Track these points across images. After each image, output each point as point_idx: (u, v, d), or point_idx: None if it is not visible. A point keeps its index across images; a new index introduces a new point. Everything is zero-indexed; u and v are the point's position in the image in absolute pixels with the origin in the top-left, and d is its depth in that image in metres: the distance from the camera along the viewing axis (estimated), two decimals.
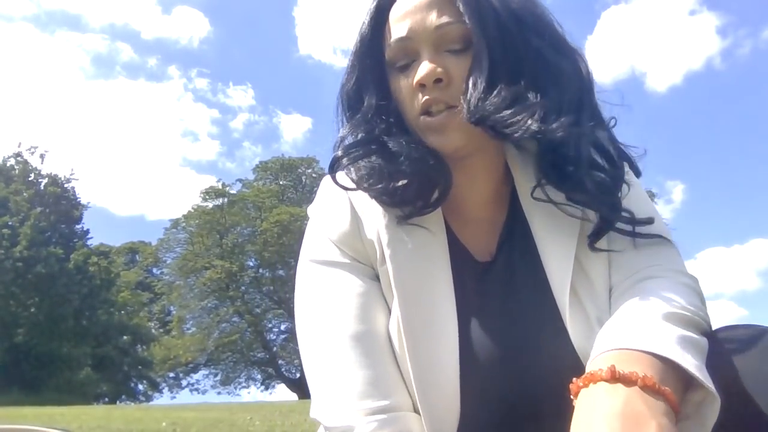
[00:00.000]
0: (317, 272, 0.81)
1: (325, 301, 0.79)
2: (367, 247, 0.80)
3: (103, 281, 25.22)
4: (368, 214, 0.81)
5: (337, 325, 0.76)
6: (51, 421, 6.94)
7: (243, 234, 26.25)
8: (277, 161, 27.88)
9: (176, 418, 7.57)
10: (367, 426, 0.69)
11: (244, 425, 6.85)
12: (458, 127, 0.76)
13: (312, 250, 0.83)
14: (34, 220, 23.20)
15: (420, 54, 0.78)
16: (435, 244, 0.79)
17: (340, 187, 0.82)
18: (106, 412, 10.20)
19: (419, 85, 0.77)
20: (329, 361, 0.75)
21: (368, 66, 0.83)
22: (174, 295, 26.61)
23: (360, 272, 0.80)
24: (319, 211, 0.86)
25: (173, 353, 25.84)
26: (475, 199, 0.84)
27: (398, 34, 0.79)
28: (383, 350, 0.76)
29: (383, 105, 0.82)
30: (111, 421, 7.10)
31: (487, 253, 0.83)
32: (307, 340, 0.79)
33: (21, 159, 25.79)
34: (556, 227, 0.79)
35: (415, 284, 0.77)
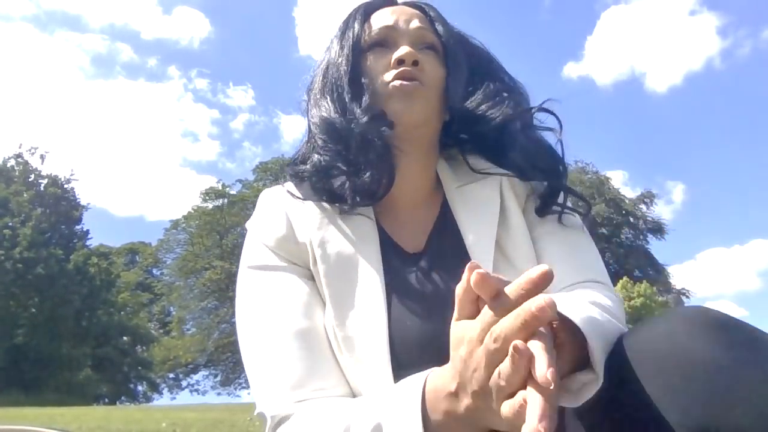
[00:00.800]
0: (254, 276, 0.86)
1: (262, 301, 0.83)
2: (301, 249, 0.85)
3: (103, 282, 25.25)
4: (301, 219, 0.87)
5: (274, 322, 0.80)
6: (51, 422, 6.95)
7: (243, 234, 26.08)
8: (277, 162, 27.86)
9: (176, 418, 7.58)
10: (303, 411, 0.72)
11: (244, 426, 6.85)
12: (424, 101, 0.87)
13: (249, 257, 0.89)
14: (34, 221, 23.22)
15: (398, 43, 0.90)
16: (365, 237, 0.85)
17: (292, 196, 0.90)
18: (106, 412, 10.21)
19: (397, 61, 0.87)
20: (266, 356, 0.79)
21: (347, 51, 0.91)
22: (174, 295, 26.63)
23: (296, 273, 0.84)
24: (256, 222, 0.92)
25: (173, 354, 25.85)
26: (408, 195, 0.91)
27: (384, 23, 0.91)
28: (321, 343, 0.79)
29: (353, 90, 0.88)
30: (111, 422, 7.10)
31: (418, 246, 0.89)
32: (245, 340, 0.83)
33: (21, 160, 25.83)
34: (479, 219, 0.88)
35: (345, 278, 0.81)
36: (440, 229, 0.90)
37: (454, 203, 0.91)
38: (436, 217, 0.91)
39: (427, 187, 0.93)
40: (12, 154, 25.94)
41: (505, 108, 0.89)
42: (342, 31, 0.94)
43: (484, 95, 0.90)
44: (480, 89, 0.91)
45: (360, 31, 0.92)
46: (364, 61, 0.90)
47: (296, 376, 0.75)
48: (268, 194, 0.94)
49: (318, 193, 0.86)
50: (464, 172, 0.93)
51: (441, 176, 0.94)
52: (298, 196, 0.89)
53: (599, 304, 0.71)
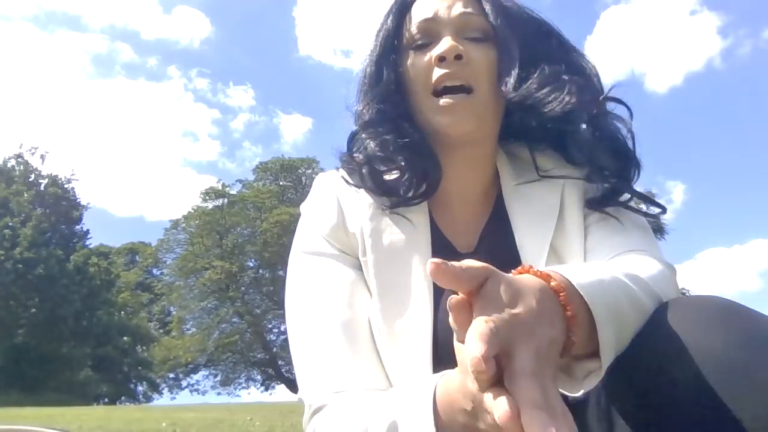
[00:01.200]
0: (305, 261, 0.85)
1: (311, 289, 0.82)
2: (351, 239, 0.84)
3: (103, 282, 25.24)
4: (354, 208, 0.85)
5: (321, 310, 0.80)
6: (51, 422, 6.94)
7: (243, 234, 26.22)
8: (277, 162, 27.85)
9: (176, 418, 7.57)
10: (337, 404, 0.72)
11: (244, 426, 6.85)
12: (472, 110, 0.81)
13: (302, 242, 0.88)
14: (34, 221, 23.21)
15: (440, 36, 0.83)
16: (416, 234, 0.83)
17: (346, 182, 0.87)
18: (106, 412, 10.21)
19: (439, 59, 0.81)
20: (312, 343, 0.78)
21: (387, 50, 0.87)
22: (174, 295, 26.58)
23: (346, 262, 0.84)
24: (309, 208, 0.91)
25: (173, 354, 25.81)
26: (462, 193, 0.88)
27: (423, 15, 0.85)
28: (365, 334, 0.79)
29: (396, 87, 0.85)
30: (111, 422, 7.09)
31: (469, 244, 0.86)
32: (294, 325, 0.82)
33: (22, 160, 25.81)
34: (535, 219, 0.83)
35: (394, 273, 0.80)
36: (493, 228, 0.87)
37: (510, 202, 0.87)
38: (489, 215, 0.88)
39: (484, 183, 0.89)
40: (12, 155, 25.94)
41: (564, 95, 0.78)
42: (379, 27, 0.90)
43: (539, 81, 0.80)
44: (534, 74, 0.81)
45: (397, 26, 0.88)
46: (404, 59, 0.86)
47: (336, 367, 0.75)
48: (323, 179, 0.93)
49: (371, 184, 0.84)
50: (526, 169, 0.88)
51: (500, 172, 0.90)
52: (353, 183, 0.86)
53: (632, 275, 0.63)
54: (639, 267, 0.68)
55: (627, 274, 0.63)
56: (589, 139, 0.81)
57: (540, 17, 0.87)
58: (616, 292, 0.59)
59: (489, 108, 0.83)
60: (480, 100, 0.82)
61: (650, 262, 0.72)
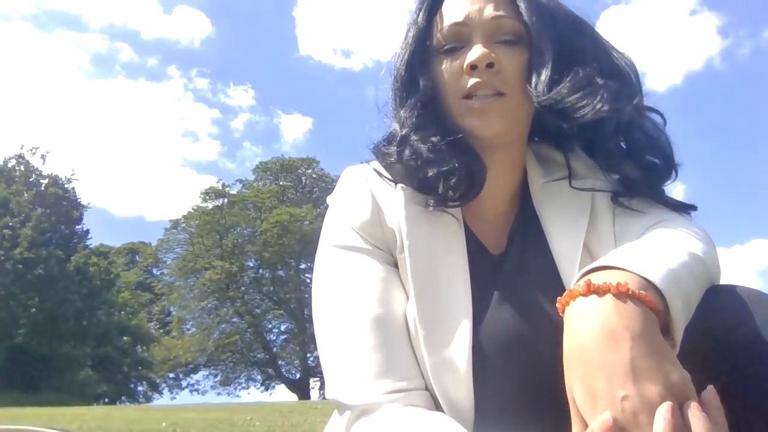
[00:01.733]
0: (338, 256, 0.83)
1: (344, 284, 0.80)
2: (387, 234, 0.82)
3: (103, 282, 25.23)
4: (389, 204, 0.83)
5: (356, 307, 0.78)
6: (51, 421, 6.94)
7: (243, 234, 26.25)
8: (277, 162, 27.88)
9: (176, 418, 7.57)
10: (388, 403, 0.72)
11: (244, 426, 6.85)
12: (503, 113, 0.80)
13: (333, 235, 0.85)
14: (35, 221, 23.21)
15: (472, 40, 0.81)
16: (452, 235, 0.82)
17: (380, 176, 0.85)
18: (106, 412, 10.20)
19: (470, 67, 0.80)
20: (347, 342, 0.77)
21: (419, 50, 0.85)
22: (174, 295, 26.61)
23: (380, 258, 0.82)
24: (339, 200, 0.88)
25: (173, 354, 25.83)
26: (495, 194, 0.86)
27: (454, 19, 0.83)
28: (401, 333, 0.77)
29: (432, 92, 0.84)
30: (111, 422, 7.09)
31: (499, 245, 0.85)
32: (324, 322, 0.80)
33: (22, 160, 25.81)
34: (566, 218, 0.82)
35: (431, 274, 0.79)
36: (521, 227, 0.86)
37: (539, 201, 0.85)
38: (516, 214, 0.87)
39: (514, 184, 0.88)
40: (13, 155, 25.94)
41: (596, 102, 0.76)
42: (409, 24, 0.88)
43: (571, 84, 0.77)
44: (567, 77, 0.78)
45: (427, 24, 0.85)
46: (436, 64, 0.84)
47: (377, 367, 0.74)
48: (353, 172, 0.89)
49: (411, 180, 0.81)
50: (554, 169, 0.88)
51: (528, 170, 0.89)
52: (390, 178, 0.84)
53: (688, 251, 0.67)
54: (687, 234, 0.72)
55: (685, 250, 0.66)
56: (617, 150, 0.80)
57: (576, 14, 0.85)
58: (683, 274, 0.62)
59: (520, 111, 0.82)
60: (511, 103, 0.81)
61: (691, 227, 0.75)
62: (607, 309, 0.54)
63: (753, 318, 0.62)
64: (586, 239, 0.80)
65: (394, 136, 0.86)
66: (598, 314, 0.54)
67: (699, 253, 0.68)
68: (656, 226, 0.76)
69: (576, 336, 0.55)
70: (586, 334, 0.54)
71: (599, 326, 0.53)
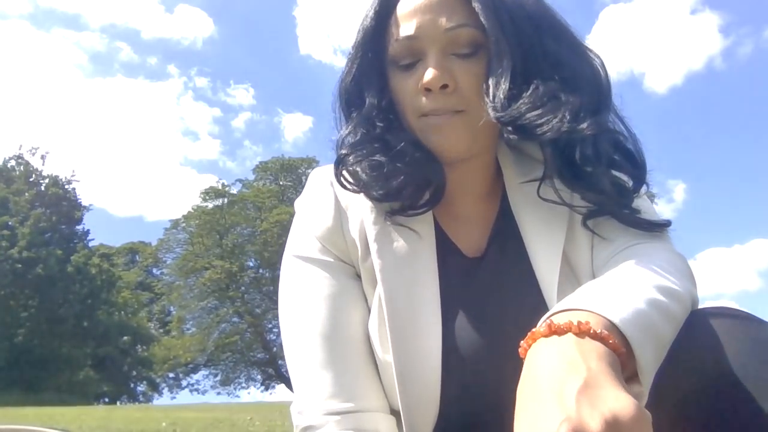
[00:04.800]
0: (298, 268, 0.82)
1: (302, 300, 0.80)
2: (348, 244, 0.80)
3: (103, 282, 25.23)
4: (353, 210, 0.81)
5: (308, 324, 0.78)
6: (51, 421, 6.94)
7: (243, 234, 26.22)
8: (277, 161, 27.84)
9: (176, 418, 7.57)
10: (329, 425, 0.71)
11: (244, 425, 6.85)
12: (463, 129, 0.76)
13: (296, 245, 0.84)
14: (34, 220, 23.20)
15: (426, 54, 0.76)
16: (422, 240, 0.79)
17: (342, 185, 0.81)
18: (106, 412, 10.20)
19: (425, 89, 0.76)
20: (300, 359, 0.77)
21: (369, 60, 0.80)
22: (174, 295, 26.57)
23: (339, 271, 0.80)
24: (304, 206, 0.86)
25: (173, 353, 25.81)
26: (466, 196, 0.84)
27: (405, 33, 0.77)
28: (354, 352, 0.77)
29: (383, 102, 0.80)
30: (111, 422, 7.09)
31: (477, 249, 0.82)
32: (285, 335, 0.81)
33: (22, 160, 25.80)
34: (544, 224, 0.79)
35: (400, 279, 0.77)
36: (501, 230, 0.82)
37: (515, 202, 0.82)
38: (496, 215, 0.84)
39: (486, 183, 0.85)
40: (12, 155, 25.93)
41: (556, 121, 0.70)
42: (357, 32, 0.82)
43: (531, 101, 0.72)
44: (527, 92, 0.72)
45: (378, 32, 0.80)
46: (393, 76, 0.80)
47: (324, 386, 0.74)
48: (319, 174, 0.86)
49: (372, 190, 0.78)
50: (532, 166, 0.82)
51: (502, 167, 0.85)
52: (354, 187, 0.80)
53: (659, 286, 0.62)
54: (657, 264, 0.67)
55: (655, 285, 0.62)
56: (580, 170, 0.74)
57: (542, 11, 0.78)
58: (652, 313, 0.58)
59: (483, 124, 0.76)
60: (472, 119, 0.75)
61: (663, 252, 0.71)
62: (566, 346, 0.51)
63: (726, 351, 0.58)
64: (565, 247, 0.77)
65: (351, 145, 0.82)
66: (556, 352, 0.51)
67: (671, 286, 0.63)
68: (624, 254, 0.72)
69: (531, 372, 0.51)
70: (542, 369, 0.51)
71: (555, 361, 0.50)
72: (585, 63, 0.77)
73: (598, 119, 0.73)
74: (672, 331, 0.60)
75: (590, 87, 0.75)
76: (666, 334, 0.59)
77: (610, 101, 0.77)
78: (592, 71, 0.77)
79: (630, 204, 0.76)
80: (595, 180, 0.74)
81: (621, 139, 0.77)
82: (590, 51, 0.79)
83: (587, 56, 0.78)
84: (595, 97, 0.75)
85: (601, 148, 0.74)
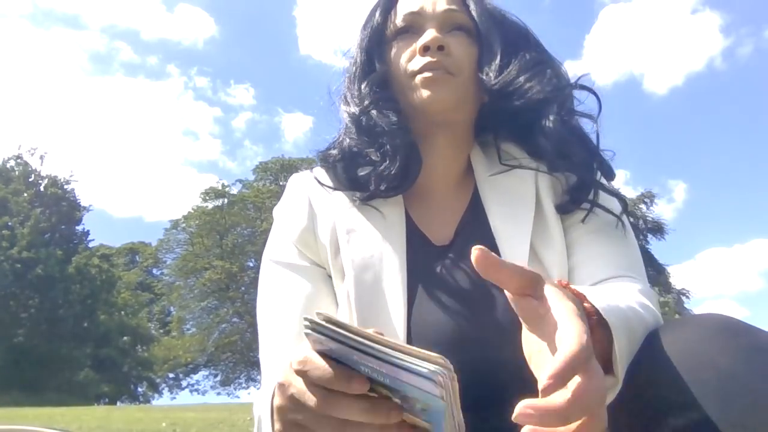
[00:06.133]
0: (273, 272, 0.86)
1: (275, 303, 0.84)
2: (319, 245, 0.85)
3: (103, 282, 25.24)
4: (326, 210, 0.86)
5: (281, 326, 0.81)
6: (51, 422, 6.94)
7: (243, 234, 26.22)
8: (277, 162, 27.85)
9: (176, 418, 7.58)
10: None
11: (244, 425, 6.85)
12: (452, 89, 0.84)
13: (272, 249, 0.89)
14: (33, 221, 23.21)
15: (425, 29, 0.87)
16: (392, 227, 0.84)
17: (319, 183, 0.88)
18: (106, 412, 10.21)
19: (423, 48, 0.84)
20: (267, 359, 0.80)
21: (375, 41, 0.90)
22: (174, 295, 26.58)
23: (314, 274, 0.85)
24: (281, 212, 0.91)
25: (173, 354, 25.83)
26: (437, 185, 0.89)
27: (409, 9, 0.89)
28: None
29: (382, 77, 0.88)
30: (111, 422, 7.10)
31: (446, 238, 0.86)
32: (260, 335, 0.84)
33: (21, 161, 25.81)
34: (512, 216, 0.83)
35: (367, 266, 0.80)
36: (469, 220, 0.87)
37: (485, 193, 0.87)
38: (466, 207, 0.88)
39: (459, 173, 0.90)
40: (11, 155, 25.95)
41: (544, 80, 0.83)
42: (365, 21, 0.93)
43: (521, 65, 0.84)
44: (515, 59, 0.85)
45: (383, 19, 0.91)
46: (389, 50, 0.89)
47: None
48: (295, 180, 0.94)
49: (343, 180, 0.86)
50: (497, 158, 0.89)
51: (473, 162, 0.91)
52: (326, 183, 0.88)
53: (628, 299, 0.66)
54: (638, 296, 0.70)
55: (638, 302, 0.65)
56: (558, 129, 0.83)
57: (518, 20, 0.92)
58: (630, 314, 0.61)
59: (468, 93, 0.86)
60: (460, 83, 0.85)
61: (641, 291, 0.73)
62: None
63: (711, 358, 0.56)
64: (534, 241, 0.80)
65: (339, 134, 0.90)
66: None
67: (647, 304, 0.67)
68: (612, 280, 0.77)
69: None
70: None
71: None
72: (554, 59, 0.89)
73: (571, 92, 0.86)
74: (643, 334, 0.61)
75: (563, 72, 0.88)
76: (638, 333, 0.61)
77: (571, 96, 0.87)
78: (563, 69, 0.89)
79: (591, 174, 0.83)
80: (562, 144, 0.82)
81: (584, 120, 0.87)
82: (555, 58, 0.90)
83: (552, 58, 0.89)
84: (562, 85, 0.86)
85: (570, 119, 0.85)
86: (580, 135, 0.85)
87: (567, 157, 0.82)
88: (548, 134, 0.83)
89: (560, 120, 0.83)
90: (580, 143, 0.84)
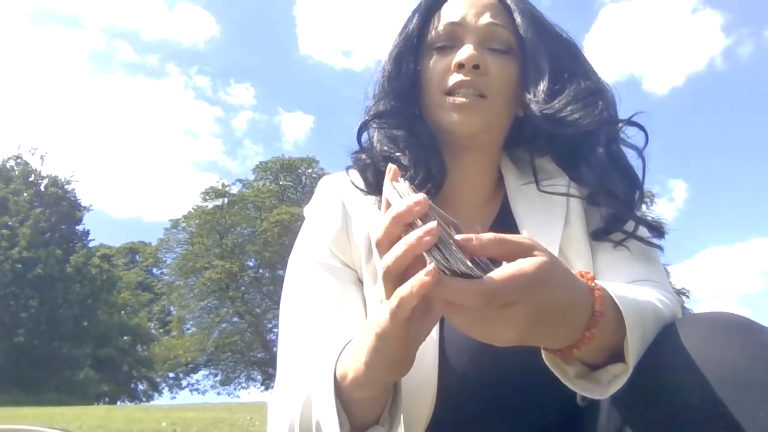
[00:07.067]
0: (305, 270, 0.85)
1: (305, 301, 0.82)
2: (353, 247, 0.83)
3: (103, 282, 25.25)
4: (360, 213, 0.85)
5: (310, 326, 0.79)
6: (51, 421, 6.94)
7: (243, 234, 26.21)
8: (277, 161, 27.84)
9: (176, 418, 7.58)
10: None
11: (244, 425, 6.85)
12: (483, 113, 0.81)
13: (304, 248, 0.87)
14: (33, 220, 23.21)
15: (463, 42, 0.83)
16: None
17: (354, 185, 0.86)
18: (106, 412, 10.21)
19: (458, 65, 0.81)
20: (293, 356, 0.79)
21: (409, 46, 0.87)
22: (174, 295, 26.57)
23: (345, 275, 0.83)
24: (313, 212, 0.90)
25: (173, 353, 25.83)
26: (466, 197, 0.88)
27: (450, 19, 0.85)
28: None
29: (412, 85, 0.86)
30: (111, 422, 7.10)
31: None
32: (282, 332, 0.83)
33: (21, 160, 25.81)
34: (542, 224, 0.82)
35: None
36: (498, 230, 0.84)
37: (515, 203, 0.86)
38: (495, 217, 0.87)
39: (488, 186, 0.89)
40: (11, 155, 25.95)
41: (596, 111, 0.79)
42: (404, 25, 0.90)
43: (574, 95, 0.81)
44: (569, 87, 0.81)
45: (422, 25, 0.87)
46: (425, 59, 0.86)
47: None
48: (328, 182, 0.92)
49: (373, 186, 0.84)
50: (530, 172, 0.88)
51: (504, 174, 0.89)
52: (361, 187, 0.86)
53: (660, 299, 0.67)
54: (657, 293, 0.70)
55: (656, 297, 0.66)
56: (603, 162, 0.80)
57: (569, 37, 0.87)
58: (645, 305, 0.62)
59: (500, 116, 0.84)
60: (492, 106, 0.82)
61: (663, 295, 0.73)
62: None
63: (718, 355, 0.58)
64: (562, 246, 0.80)
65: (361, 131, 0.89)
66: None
67: (668, 302, 0.68)
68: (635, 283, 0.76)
69: None
70: None
71: None
72: (604, 85, 0.85)
73: (620, 127, 0.82)
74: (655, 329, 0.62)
75: (611, 101, 0.84)
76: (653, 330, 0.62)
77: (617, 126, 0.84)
78: (610, 94, 0.85)
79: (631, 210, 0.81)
80: (605, 176, 0.80)
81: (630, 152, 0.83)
82: (605, 82, 0.86)
83: (605, 82, 0.86)
84: (614, 109, 0.83)
85: (617, 151, 0.81)
86: (625, 167, 0.82)
87: (609, 192, 0.80)
88: (593, 165, 0.81)
89: (606, 152, 0.80)
90: (624, 176, 0.81)
